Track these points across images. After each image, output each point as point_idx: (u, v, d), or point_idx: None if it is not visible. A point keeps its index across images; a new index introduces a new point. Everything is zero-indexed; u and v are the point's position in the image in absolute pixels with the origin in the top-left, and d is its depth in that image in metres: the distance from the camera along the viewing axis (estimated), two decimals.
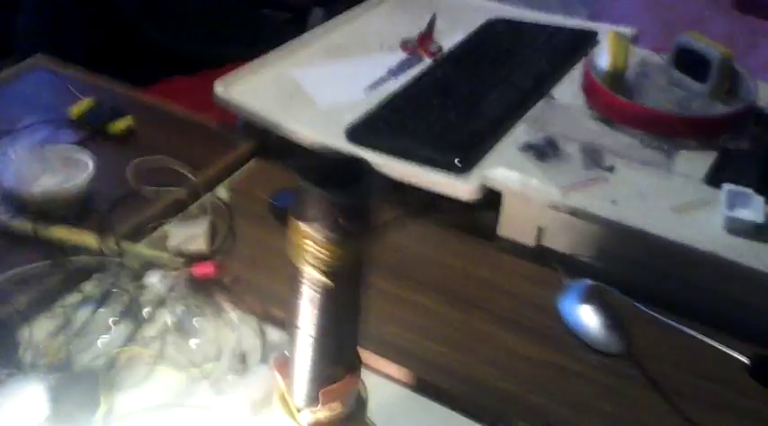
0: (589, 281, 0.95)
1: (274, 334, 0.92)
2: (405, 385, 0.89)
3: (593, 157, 1.05)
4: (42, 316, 0.92)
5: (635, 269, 1.02)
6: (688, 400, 0.86)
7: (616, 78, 1.15)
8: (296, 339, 0.67)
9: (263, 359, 0.89)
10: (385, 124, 1.18)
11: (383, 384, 0.89)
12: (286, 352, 0.70)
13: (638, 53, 1.29)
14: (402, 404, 0.86)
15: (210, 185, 1.12)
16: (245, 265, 0.99)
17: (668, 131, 1.09)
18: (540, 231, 1.08)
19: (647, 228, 0.96)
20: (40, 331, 0.90)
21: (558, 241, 1.07)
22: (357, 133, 1.15)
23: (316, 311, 0.63)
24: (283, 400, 0.72)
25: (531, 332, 0.94)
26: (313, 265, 0.60)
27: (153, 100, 1.35)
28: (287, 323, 0.68)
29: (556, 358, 0.91)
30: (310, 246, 0.59)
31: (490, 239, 1.11)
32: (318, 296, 0.62)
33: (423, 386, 0.88)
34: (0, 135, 1.17)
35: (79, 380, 0.82)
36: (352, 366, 0.70)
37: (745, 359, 0.89)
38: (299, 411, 0.71)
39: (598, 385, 0.89)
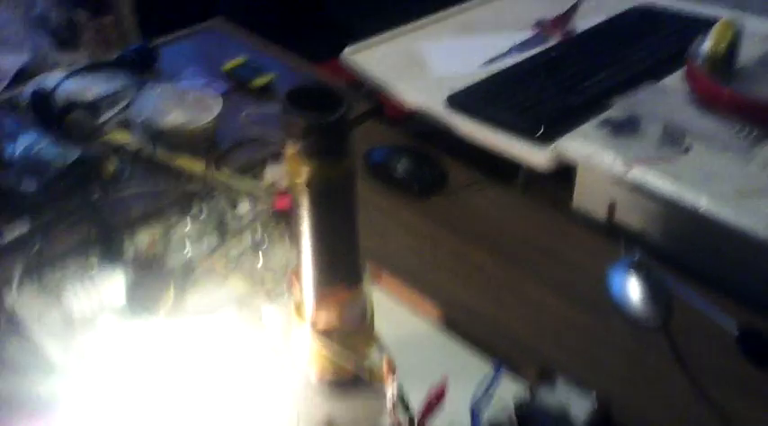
0: (639, 255, 0.96)
1: None
2: (434, 324, 0.96)
3: (673, 137, 1.05)
4: (150, 226, 1.09)
5: (693, 249, 1.01)
6: (710, 379, 0.86)
7: (716, 63, 1.13)
8: (300, 252, 0.77)
9: None
10: (484, 94, 1.24)
11: (416, 322, 0.96)
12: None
13: None
14: (427, 341, 0.94)
15: None
16: None
17: (761, 119, 1.06)
18: (612, 205, 1.09)
19: (705, 209, 0.95)
20: (144, 236, 1.07)
21: (629, 216, 1.08)
22: (456, 100, 1.23)
23: (305, 225, 0.73)
24: (298, 309, 0.83)
25: (573, 298, 0.97)
26: (296, 181, 0.70)
27: (297, 61, 1.51)
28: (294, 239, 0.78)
29: (589, 322, 0.94)
30: (291, 162, 0.69)
31: (564, 211, 1.14)
32: (305, 211, 0.72)
33: (448, 325, 0.95)
34: (163, 79, 1.38)
35: (156, 277, 0.98)
36: (351, 283, 0.79)
37: None
38: (305, 316, 0.81)
39: (623, 352, 0.91)
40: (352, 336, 0.81)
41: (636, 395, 0.84)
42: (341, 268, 0.78)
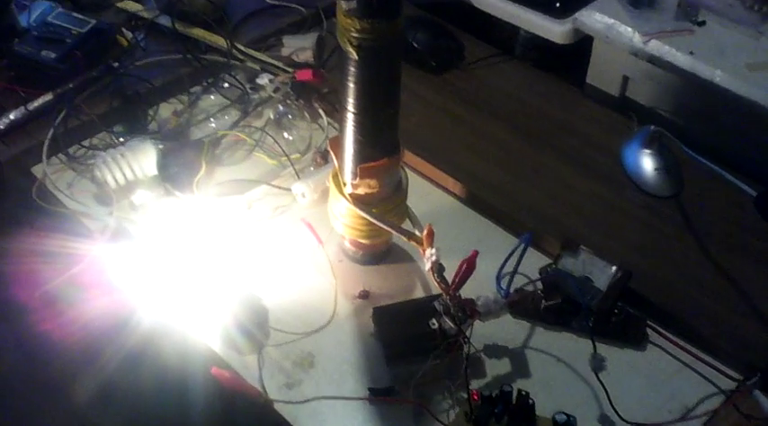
0: (653, 127, 1.00)
1: None
2: (456, 197, 1.00)
3: (688, 10, 1.06)
4: (171, 98, 1.10)
5: (704, 123, 1.05)
6: (718, 244, 0.91)
7: None
8: (344, 119, 0.78)
9: None
10: None
11: (440, 196, 1.00)
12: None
13: None
14: (451, 215, 0.98)
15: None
16: None
17: None
18: (625, 80, 1.11)
19: (717, 81, 0.98)
20: (166, 108, 1.08)
21: (641, 92, 1.11)
22: None
23: (353, 86, 0.74)
24: (335, 176, 0.85)
25: (588, 170, 1.01)
26: (346, 39, 0.70)
27: None
28: (339, 106, 0.79)
29: (605, 193, 0.98)
30: (342, 21, 0.69)
31: (578, 86, 1.16)
32: (353, 70, 0.72)
33: (471, 199, 0.98)
34: None
35: (187, 148, 0.99)
36: (391, 151, 0.81)
37: None
38: (344, 185, 0.83)
39: (637, 221, 0.95)
40: (388, 205, 0.84)
41: (651, 262, 0.90)
42: (385, 133, 0.79)
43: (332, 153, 0.84)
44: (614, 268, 0.85)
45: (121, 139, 1.02)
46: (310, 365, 0.80)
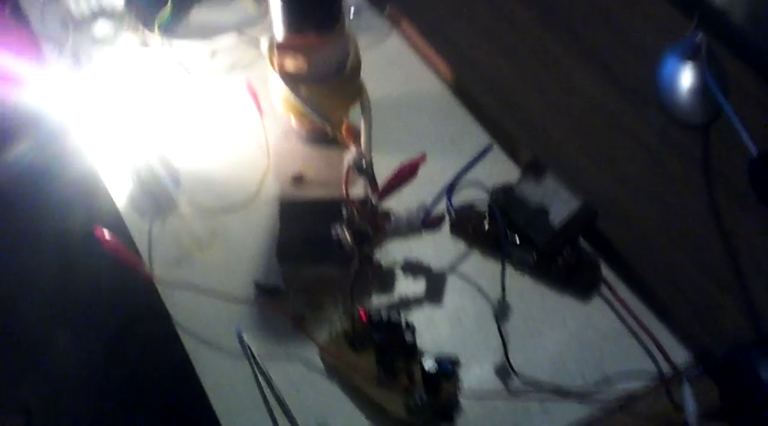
0: (700, 35, 0.81)
1: None
2: (445, 83, 0.86)
3: None
4: None
5: None
6: (730, 201, 0.74)
7: None
8: None
9: None
10: None
11: (428, 79, 0.87)
12: None
13: None
14: (432, 103, 0.85)
15: None
16: None
17: None
18: None
19: None
20: None
21: None
22: None
23: None
24: (271, 50, 0.74)
25: (611, 76, 0.84)
26: None
27: None
28: None
29: (617, 107, 0.82)
30: None
31: None
32: None
33: (458, 89, 0.85)
34: None
35: None
36: (322, 25, 0.69)
37: None
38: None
39: (641, 148, 0.79)
40: (325, 88, 0.73)
41: (634, 203, 0.74)
42: (310, 7, 0.67)
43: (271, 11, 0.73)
44: (578, 203, 0.71)
45: None
46: (208, 244, 0.73)
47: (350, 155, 0.69)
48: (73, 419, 0.89)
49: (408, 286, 0.70)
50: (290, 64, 0.70)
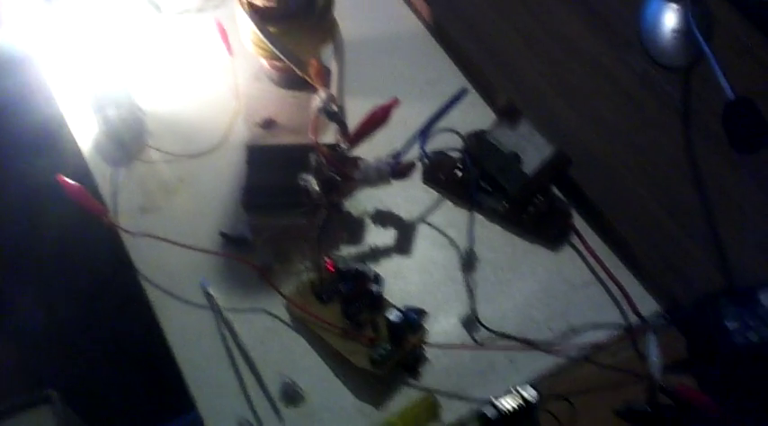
0: None
1: None
2: (425, 23, 0.83)
3: None
4: None
5: None
6: (709, 150, 0.72)
7: None
8: None
9: None
10: None
11: (408, 18, 0.84)
12: None
13: None
14: (410, 45, 0.82)
15: None
16: None
17: None
18: None
19: None
20: None
21: None
22: None
23: None
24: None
25: (592, 15, 0.81)
26: None
27: None
28: None
29: (595, 47, 0.79)
30: None
31: None
32: None
33: (441, 33, 0.82)
34: None
35: None
36: None
37: None
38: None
39: (619, 91, 0.77)
40: (293, 25, 0.70)
41: (608, 147, 0.73)
42: None
43: None
44: (552, 150, 0.70)
45: None
46: (175, 191, 0.72)
47: (318, 98, 0.67)
48: (40, 376, 0.89)
49: (377, 236, 0.69)
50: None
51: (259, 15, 0.69)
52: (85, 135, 0.75)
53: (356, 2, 0.83)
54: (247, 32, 0.72)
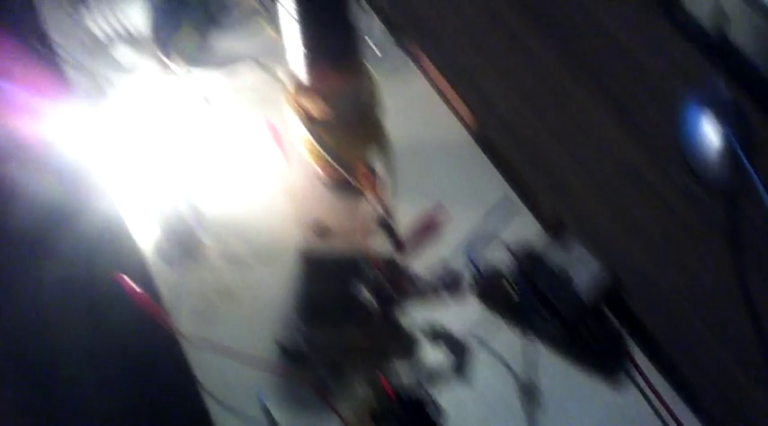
0: (718, 84, 0.79)
1: None
2: (467, 130, 0.85)
3: None
4: None
5: None
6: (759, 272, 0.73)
7: None
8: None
9: None
10: None
11: (449, 123, 0.85)
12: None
13: None
14: (453, 149, 0.83)
15: None
16: None
17: None
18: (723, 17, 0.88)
19: None
20: None
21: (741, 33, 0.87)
22: None
23: None
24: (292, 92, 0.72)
25: (630, 124, 0.82)
26: None
27: None
28: None
29: (635, 158, 0.80)
30: None
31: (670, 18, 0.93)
32: None
33: (483, 138, 0.83)
34: None
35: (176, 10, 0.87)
36: (342, 65, 0.67)
37: None
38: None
39: (668, 211, 0.77)
40: (345, 131, 0.71)
41: (661, 266, 0.74)
42: (330, 46, 0.66)
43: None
44: (602, 269, 0.71)
45: None
46: (232, 296, 0.73)
47: (373, 208, 0.68)
48: None
49: (431, 354, 0.70)
50: (308, 104, 0.69)
51: (309, 120, 0.70)
52: (145, 235, 0.75)
53: (403, 108, 0.84)
54: (300, 137, 0.73)
